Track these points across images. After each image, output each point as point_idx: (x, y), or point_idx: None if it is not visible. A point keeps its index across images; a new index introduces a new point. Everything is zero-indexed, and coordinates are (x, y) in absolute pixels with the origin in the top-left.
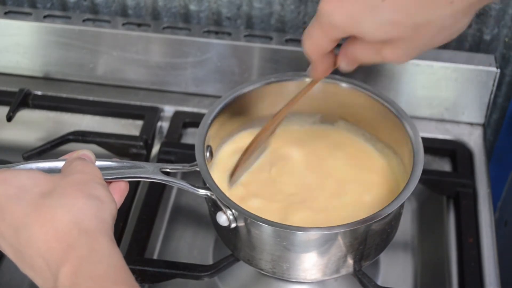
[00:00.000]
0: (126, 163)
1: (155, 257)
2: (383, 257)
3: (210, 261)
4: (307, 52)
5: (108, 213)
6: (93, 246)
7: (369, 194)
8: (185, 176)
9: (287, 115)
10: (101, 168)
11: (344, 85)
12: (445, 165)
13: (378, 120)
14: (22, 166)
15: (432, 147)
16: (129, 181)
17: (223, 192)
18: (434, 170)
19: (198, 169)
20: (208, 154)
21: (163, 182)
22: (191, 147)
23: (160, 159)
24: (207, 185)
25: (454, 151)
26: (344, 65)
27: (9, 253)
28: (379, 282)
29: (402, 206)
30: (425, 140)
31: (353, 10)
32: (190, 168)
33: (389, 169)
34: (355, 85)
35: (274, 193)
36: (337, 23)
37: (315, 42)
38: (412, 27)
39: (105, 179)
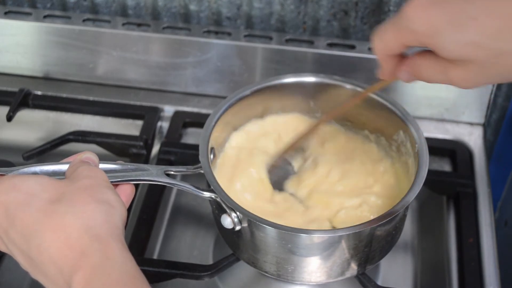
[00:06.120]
0: (130, 165)
1: (155, 257)
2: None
3: (210, 261)
4: (374, 49)
5: (119, 218)
6: (105, 253)
7: (372, 195)
8: (186, 177)
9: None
10: (106, 171)
11: (348, 86)
12: (445, 165)
13: (381, 121)
14: (26, 170)
15: (432, 147)
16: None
17: (227, 195)
18: (434, 170)
19: (202, 171)
20: (211, 155)
21: (168, 185)
22: (191, 147)
23: (160, 159)
24: (212, 187)
25: (454, 151)
26: (405, 75)
27: (20, 259)
28: (379, 282)
29: (407, 208)
30: (425, 140)
31: (438, 21)
32: (194, 170)
33: (392, 170)
34: (359, 87)
35: (276, 194)
36: (417, 30)
37: (385, 42)
38: (495, 53)
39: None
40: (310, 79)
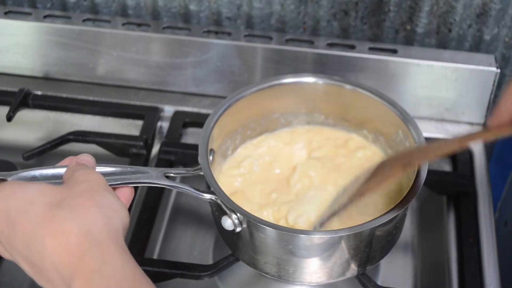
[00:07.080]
0: (130, 168)
1: (155, 257)
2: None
3: (210, 261)
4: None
5: (119, 220)
6: (104, 258)
7: (372, 196)
8: (186, 178)
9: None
10: (105, 174)
11: (347, 86)
12: (445, 165)
13: (381, 122)
14: (25, 174)
15: None
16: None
17: (228, 196)
18: (434, 170)
19: (202, 173)
20: (211, 157)
21: (168, 187)
22: (191, 147)
23: (160, 159)
24: (212, 189)
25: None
26: None
27: (24, 266)
28: (379, 282)
29: (407, 208)
30: (425, 140)
31: None
32: (194, 172)
33: None
34: (359, 87)
35: (276, 194)
36: None
37: None
38: None
39: (108, 185)
40: (310, 79)
